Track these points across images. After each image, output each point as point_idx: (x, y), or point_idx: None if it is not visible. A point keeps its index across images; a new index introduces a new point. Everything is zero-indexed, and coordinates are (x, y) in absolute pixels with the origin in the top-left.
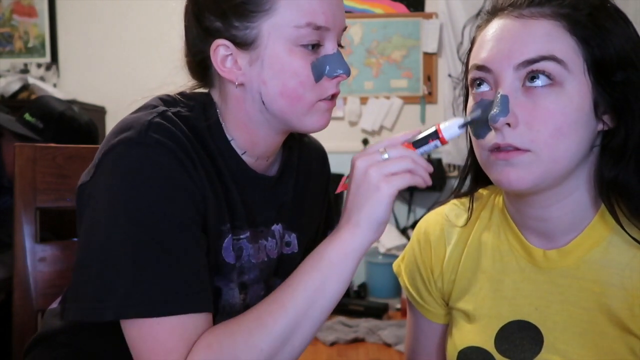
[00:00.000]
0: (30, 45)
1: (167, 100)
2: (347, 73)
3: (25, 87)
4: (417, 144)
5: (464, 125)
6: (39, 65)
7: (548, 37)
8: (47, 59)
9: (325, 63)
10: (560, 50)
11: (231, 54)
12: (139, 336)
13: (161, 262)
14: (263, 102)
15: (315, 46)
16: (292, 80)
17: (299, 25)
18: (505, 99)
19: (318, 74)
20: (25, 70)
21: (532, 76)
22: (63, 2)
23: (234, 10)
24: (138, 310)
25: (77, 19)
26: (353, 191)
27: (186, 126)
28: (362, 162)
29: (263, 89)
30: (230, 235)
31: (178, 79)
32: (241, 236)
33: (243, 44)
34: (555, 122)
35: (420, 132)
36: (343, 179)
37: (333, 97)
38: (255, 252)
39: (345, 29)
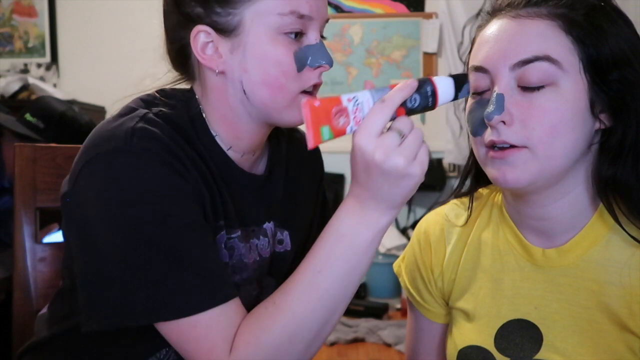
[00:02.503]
0: (30, 45)
1: (147, 101)
2: (330, 64)
3: (25, 87)
4: (412, 111)
5: (455, 99)
6: (39, 65)
7: (543, 37)
8: (47, 59)
9: (308, 53)
10: (554, 50)
11: (212, 40)
12: (180, 337)
13: (176, 262)
14: (244, 91)
15: (298, 35)
16: (274, 69)
17: (282, 12)
18: (500, 98)
19: (300, 64)
20: (25, 70)
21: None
22: (63, 2)
23: None
24: (170, 312)
25: (77, 19)
26: (380, 181)
27: (170, 126)
28: (382, 154)
29: (245, 78)
30: (223, 232)
31: (158, 70)
32: (232, 235)
33: (225, 31)
34: (550, 120)
35: (414, 88)
36: (314, 125)
37: (315, 88)
38: (246, 252)
39: (327, 20)
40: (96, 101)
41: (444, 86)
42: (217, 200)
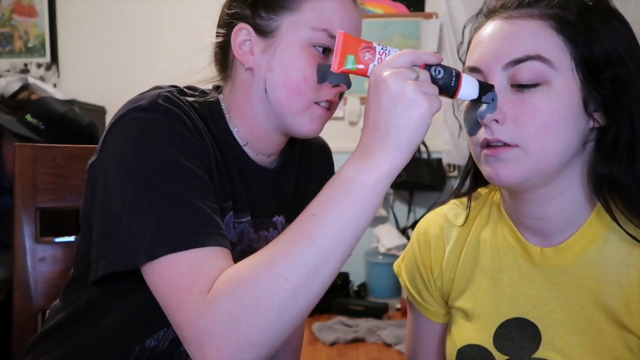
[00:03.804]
0: (30, 45)
1: (174, 87)
2: (348, 85)
3: (25, 87)
4: (438, 83)
5: (476, 101)
6: (39, 65)
7: (535, 36)
8: (47, 59)
9: (330, 70)
10: (546, 50)
11: (250, 39)
12: (160, 278)
13: (178, 204)
14: (266, 89)
15: (327, 51)
16: (296, 74)
17: (316, 27)
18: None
19: (322, 77)
20: (25, 70)
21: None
22: (63, 2)
23: (264, 3)
24: (162, 249)
25: (77, 19)
26: (386, 108)
27: (193, 110)
28: (396, 78)
29: (268, 76)
30: (231, 213)
31: (189, 76)
32: (242, 220)
33: (263, 32)
34: (542, 118)
35: (441, 63)
36: (341, 52)
37: (330, 106)
38: (256, 239)
39: None
40: (96, 101)
41: (469, 81)
42: (226, 181)
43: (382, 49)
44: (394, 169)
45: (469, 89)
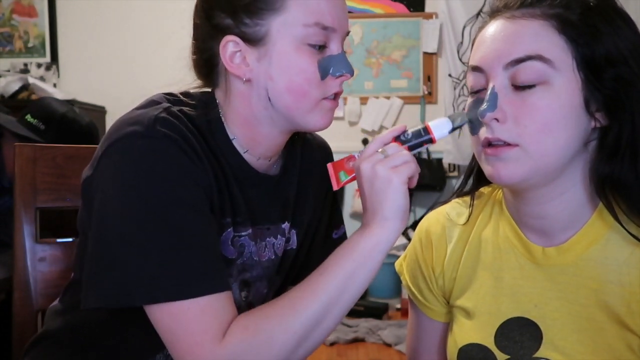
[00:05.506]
0: (30, 45)
1: (170, 98)
2: (351, 73)
3: (25, 87)
4: (412, 148)
5: (453, 130)
6: (39, 65)
7: (536, 36)
8: (47, 59)
9: (330, 62)
10: (547, 49)
11: (240, 50)
12: (171, 320)
13: (181, 244)
14: (269, 98)
15: (321, 47)
16: (298, 77)
17: (307, 24)
18: (493, 96)
19: (324, 72)
20: (25, 70)
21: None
22: (63, 2)
23: (244, 8)
24: (169, 293)
25: (77, 19)
26: (368, 191)
27: (190, 123)
28: (367, 164)
29: (270, 85)
30: (230, 229)
31: (188, 78)
32: (242, 233)
33: (252, 40)
34: (542, 118)
35: (406, 130)
36: (334, 174)
37: (336, 96)
38: (258, 250)
39: (348, 33)
40: (96, 101)
41: (436, 123)
42: (226, 197)
43: (360, 152)
44: (388, 236)
45: (440, 129)
